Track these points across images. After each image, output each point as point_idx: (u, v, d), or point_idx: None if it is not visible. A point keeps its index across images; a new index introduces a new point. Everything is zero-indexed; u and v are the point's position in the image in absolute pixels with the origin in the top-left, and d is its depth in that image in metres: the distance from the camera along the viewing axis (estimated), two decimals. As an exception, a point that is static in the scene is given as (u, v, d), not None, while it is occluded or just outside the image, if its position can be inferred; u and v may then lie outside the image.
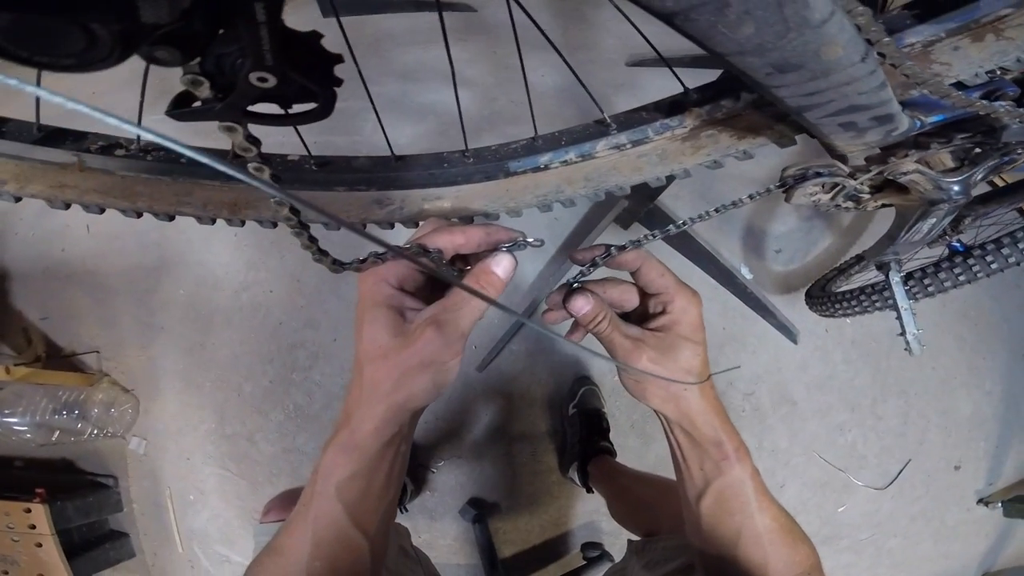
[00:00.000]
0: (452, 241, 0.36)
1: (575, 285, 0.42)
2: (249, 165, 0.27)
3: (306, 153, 0.44)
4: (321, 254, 0.34)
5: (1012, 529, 1.52)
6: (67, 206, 0.43)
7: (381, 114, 0.45)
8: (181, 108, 0.25)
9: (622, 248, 0.40)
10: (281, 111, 0.26)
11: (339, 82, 0.25)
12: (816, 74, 0.29)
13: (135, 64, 0.21)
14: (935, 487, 1.48)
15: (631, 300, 0.45)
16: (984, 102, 0.39)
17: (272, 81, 0.22)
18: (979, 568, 1.53)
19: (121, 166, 0.42)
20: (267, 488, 1.32)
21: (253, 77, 0.21)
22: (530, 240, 0.38)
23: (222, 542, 1.32)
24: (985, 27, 0.34)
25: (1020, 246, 0.79)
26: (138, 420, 1.34)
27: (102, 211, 0.44)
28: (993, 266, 0.82)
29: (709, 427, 0.42)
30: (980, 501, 1.51)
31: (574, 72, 0.43)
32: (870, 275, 1.09)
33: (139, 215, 0.44)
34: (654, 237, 0.41)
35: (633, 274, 0.43)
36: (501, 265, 0.36)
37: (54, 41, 0.15)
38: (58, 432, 1.27)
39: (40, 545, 1.15)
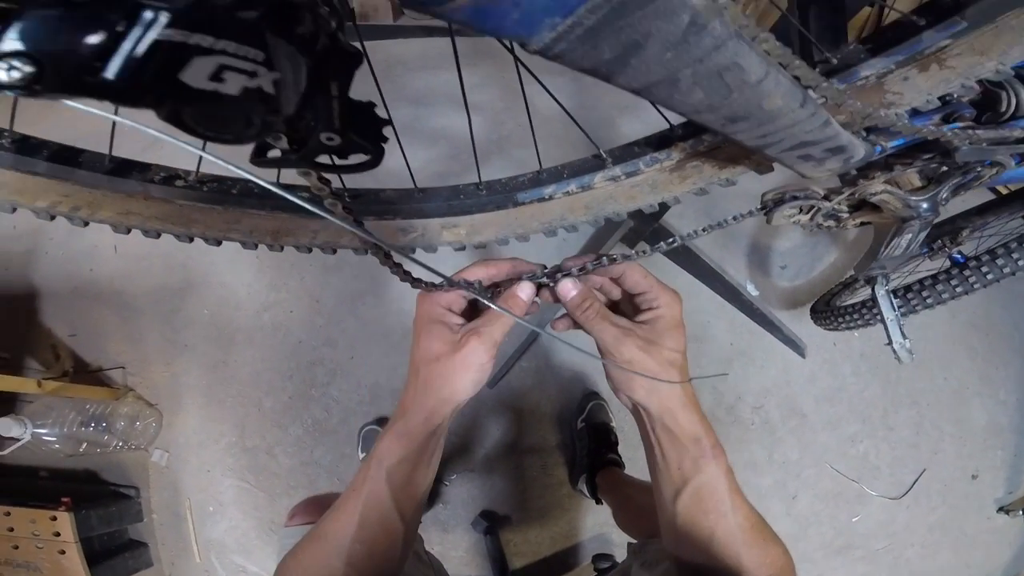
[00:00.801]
0: (487, 273, 0.46)
1: (574, 273, 0.46)
2: (325, 201, 0.32)
3: (341, 187, 0.48)
4: (407, 276, 0.42)
5: None
6: (129, 231, 0.47)
7: (392, 140, 0.50)
8: (261, 157, 0.30)
9: (613, 260, 0.44)
10: (339, 161, 0.31)
11: (386, 139, 0.30)
12: (763, 121, 0.33)
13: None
14: (952, 496, 1.47)
15: (613, 290, 0.49)
16: (932, 128, 0.43)
17: (337, 140, 0.27)
18: None
19: (180, 195, 0.46)
20: (284, 500, 1.35)
21: (323, 136, 0.27)
22: (547, 270, 0.47)
23: (239, 552, 1.35)
24: (929, 58, 0.38)
25: (1014, 256, 0.80)
26: (161, 433, 1.38)
27: (159, 235, 0.48)
28: (989, 277, 0.83)
29: (689, 422, 0.44)
30: (1000, 509, 1.48)
31: (572, 117, 0.47)
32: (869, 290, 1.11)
33: (191, 240, 0.49)
34: (649, 252, 0.44)
35: (617, 281, 0.47)
36: (524, 291, 0.45)
37: (225, 126, 0.21)
38: (85, 444, 1.32)
39: (63, 552, 1.17)
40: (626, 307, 0.49)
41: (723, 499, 0.44)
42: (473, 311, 0.48)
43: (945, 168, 0.52)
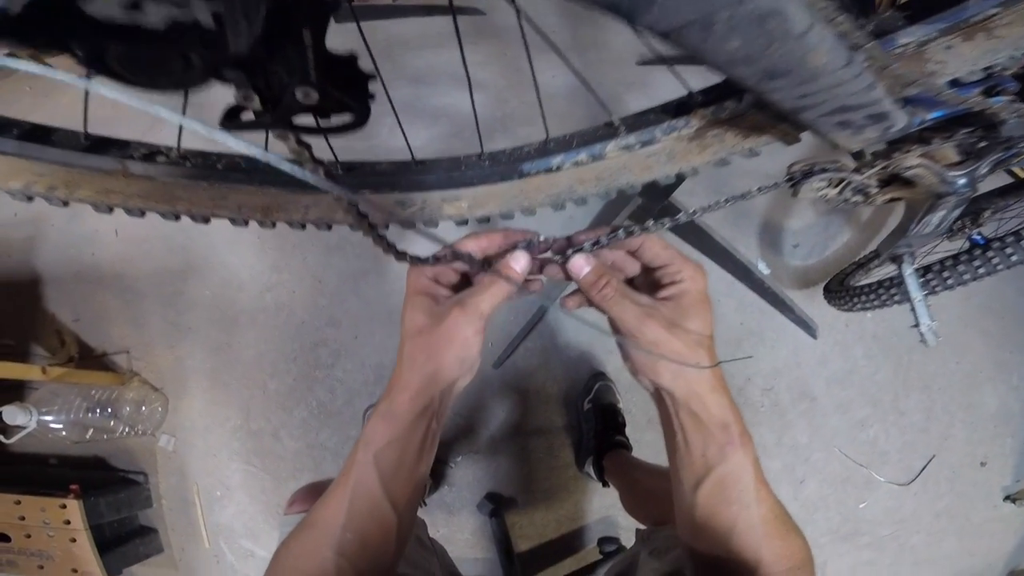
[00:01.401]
0: (478, 245, 0.43)
1: (587, 248, 0.42)
2: (305, 166, 0.29)
3: (333, 159, 0.46)
4: (389, 247, 0.40)
5: None
6: (111, 210, 0.46)
7: (394, 120, 0.47)
8: (234, 120, 0.27)
9: (630, 231, 0.41)
10: (322, 123, 0.28)
11: (372, 96, 0.27)
12: (804, 79, 0.30)
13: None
14: (960, 484, 1.45)
15: (631, 266, 0.45)
16: (979, 98, 0.40)
17: (314, 96, 0.24)
18: (1006, 566, 1.49)
19: (162, 172, 0.44)
20: (290, 483, 1.36)
21: (298, 92, 0.24)
22: (541, 238, 0.43)
23: (247, 537, 1.36)
24: (975, 26, 0.35)
25: None
26: (167, 418, 1.38)
27: (143, 214, 0.46)
28: (1013, 258, 0.81)
29: (718, 407, 0.41)
30: (1007, 498, 1.46)
31: (582, 79, 0.44)
32: (890, 269, 1.08)
33: (177, 218, 0.47)
34: (663, 225, 0.42)
35: (635, 254, 0.44)
36: (518, 261, 0.42)
37: (159, 68, 0.18)
38: (92, 430, 1.32)
39: (74, 540, 1.18)
40: (642, 284, 0.46)
41: (748, 489, 0.42)
42: (466, 287, 0.46)
43: (985, 143, 0.49)
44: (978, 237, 0.90)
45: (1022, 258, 0.81)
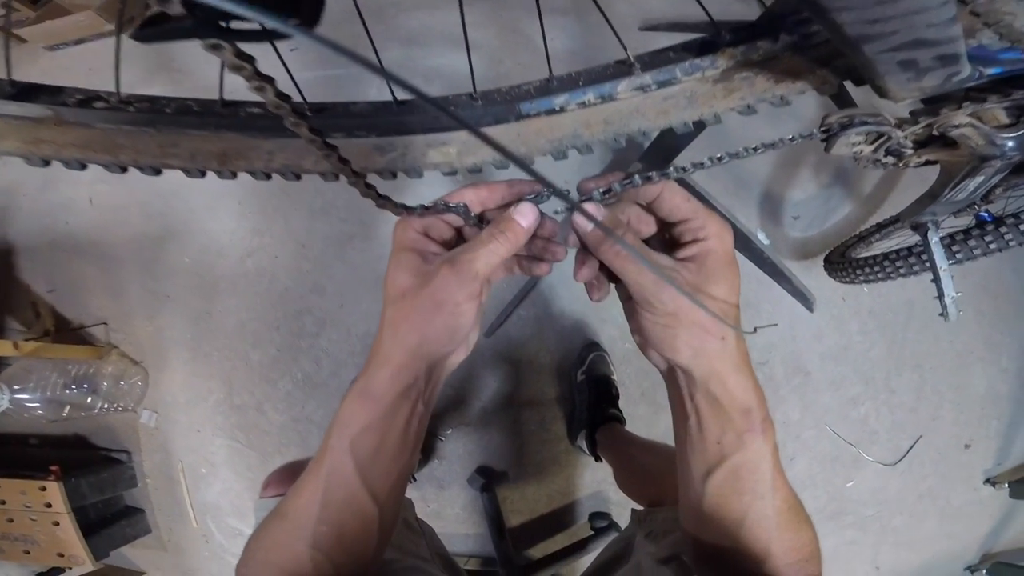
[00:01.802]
0: (477, 195, 0.37)
1: (596, 197, 0.36)
2: (249, 85, 0.24)
3: (301, 99, 0.41)
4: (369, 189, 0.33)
5: (1016, 511, 1.50)
6: (46, 163, 0.41)
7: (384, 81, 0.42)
8: (150, 28, 0.22)
9: (648, 178, 0.35)
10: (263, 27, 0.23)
11: None
12: None
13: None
14: (944, 465, 1.46)
15: (646, 226, 0.39)
16: None
17: None
18: (980, 549, 1.51)
19: (101, 119, 0.40)
20: (276, 459, 1.33)
21: None
22: (544, 193, 0.37)
23: (234, 515, 1.34)
24: None
25: None
26: (148, 393, 1.34)
27: (83, 166, 0.42)
28: None
29: (742, 388, 0.36)
30: (987, 481, 1.48)
31: (600, 7, 0.40)
32: (892, 242, 1.05)
33: (124, 169, 0.42)
34: (685, 171, 0.37)
35: (651, 207, 0.38)
36: (523, 215, 0.36)
37: None
38: (69, 407, 1.28)
39: (57, 524, 1.15)
40: (658, 245, 0.40)
41: (764, 480, 0.37)
42: (457, 239, 0.40)
43: None
44: (985, 214, 0.88)
45: None
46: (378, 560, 0.42)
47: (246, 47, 0.23)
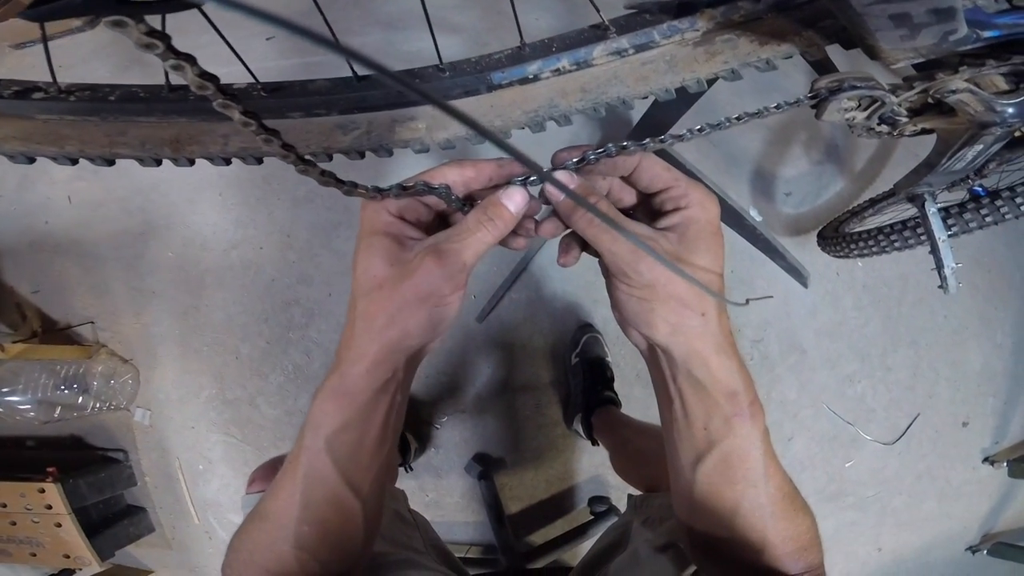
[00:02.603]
0: (461, 175, 0.34)
1: (571, 167, 0.34)
2: (166, 65, 0.22)
3: (252, 80, 0.39)
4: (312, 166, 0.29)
5: (1015, 490, 1.50)
6: None
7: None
8: (43, 5, 0.19)
9: (623, 147, 0.32)
10: None
11: None
12: None
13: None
14: (942, 444, 1.46)
15: (625, 196, 0.37)
16: None
17: None
18: (980, 529, 1.52)
19: (41, 110, 0.38)
20: (272, 453, 1.31)
21: None
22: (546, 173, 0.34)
23: (234, 511, 1.33)
24: None
25: None
26: (140, 390, 1.32)
27: (31, 160, 0.40)
28: (1023, 208, 0.80)
29: (726, 370, 0.34)
30: (986, 460, 1.48)
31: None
32: (886, 217, 1.04)
33: (73, 161, 0.40)
34: (665, 143, 0.35)
35: (630, 179, 0.36)
36: (512, 198, 0.33)
37: None
38: (60, 408, 1.26)
39: (59, 525, 1.14)
40: (640, 216, 0.38)
41: (756, 467, 0.36)
42: (439, 227, 0.37)
43: None
44: (979, 189, 0.87)
45: None
46: (367, 553, 0.41)
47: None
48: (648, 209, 0.37)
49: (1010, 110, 0.46)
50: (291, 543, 0.36)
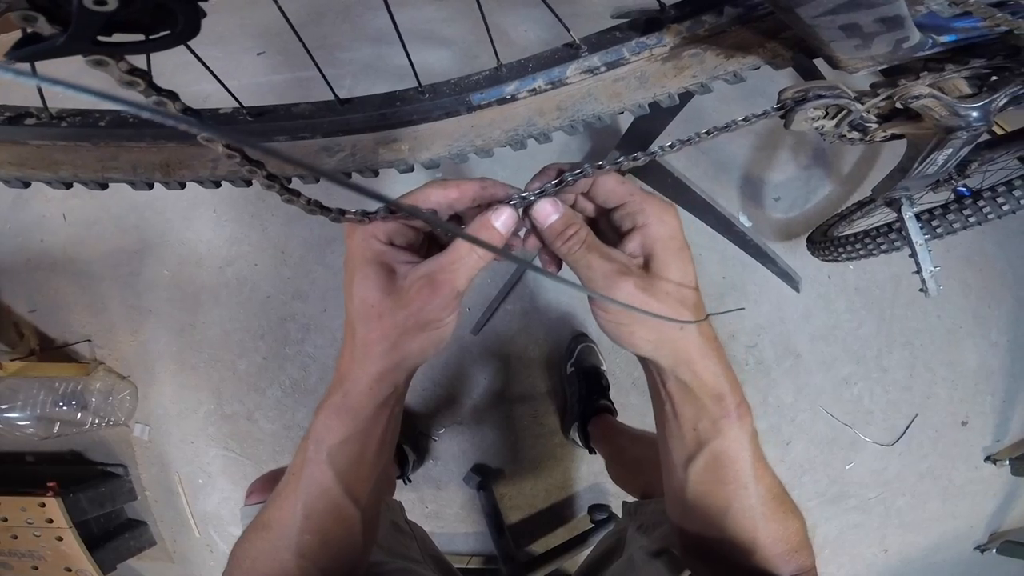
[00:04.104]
0: (446, 196, 0.34)
1: (532, 197, 0.35)
2: (147, 101, 0.23)
3: (237, 105, 0.40)
4: (291, 194, 0.30)
5: (1019, 488, 1.50)
6: None
7: (354, 79, 0.41)
8: (25, 48, 0.21)
9: (579, 173, 0.34)
10: (142, 38, 0.22)
11: None
12: None
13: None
14: (942, 443, 1.46)
15: (587, 207, 0.38)
16: (1010, 18, 0.35)
17: (111, 2, 0.18)
18: (987, 528, 1.51)
19: (34, 135, 0.39)
20: (271, 466, 1.30)
21: (88, 1, 0.18)
22: (530, 195, 0.35)
23: (235, 524, 1.33)
24: None
25: None
26: (138, 406, 1.33)
27: (26, 184, 0.41)
28: (1004, 207, 0.80)
29: (711, 374, 0.36)
30: (988, 459, 1.48)
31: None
32: (872, 220, 1.05)
33: (68, 185, 0.41)
34: (624, 164, 0.36)
35: (589, 196, 0.37)
36: (500, 218, 0.34)
37: None
38: (59, 424, 1.27)
39: (61, 539, 1.15)
40: (607, 228, 0.39)
41: (745, 468, 0.37)
42: (426, 247, 0.38)
43: (1000, 75, 0.44)
44: (963, 189, 0.88)
45: (1014, 207, 0.80)
46: (364, 560, 0.42)
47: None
48: (609, 224, 0.38)
49: (974, 114, 0.47)
50: (293, 551, 0.37)
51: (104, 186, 0.42)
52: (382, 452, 0.38)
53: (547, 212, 0.35)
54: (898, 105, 0.46)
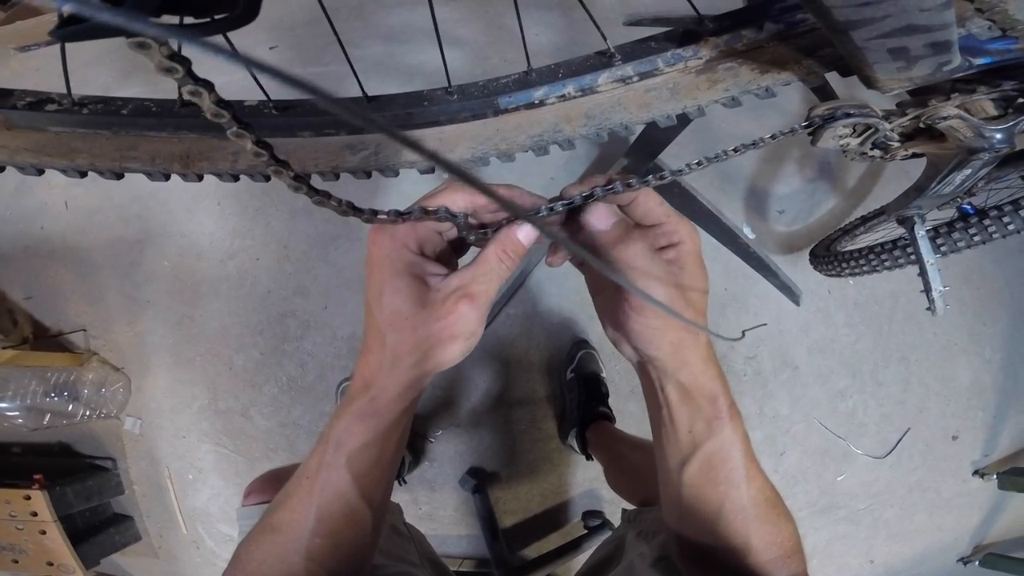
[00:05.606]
0: (473, 202, 0.35)
1: (578, 201, 0.35)
2: (184, 91, 0.23)
3: (264, 97, 0.39)
4: (319, 195, 0.30)
5: (1005, 502, 1.51)
6: (2, 169, 0.39)
7: (364, 76, 0.41)
8: (71, 26, 0.20)
9: (629, 184, 0.34)
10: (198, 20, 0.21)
11: None
12: None
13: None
14: (933, 457, 1.47)
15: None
16: None
17: None
18: (971, 540, 1.53)
19: (54, 122, 0.38)
20: (264, 464, 1.30)
21: None
22: (558, 205, 0.35)
23: (224, 521, 1.32)
24: None
25: None
26: (131, 399, 1.31)
27: (40, 172, 0.40)
28: (1010, 227, 0.81)
29: (709, 378, 0.37)
30: (975, 473, 1.49)
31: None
32: (876, 236, 1.06)
33: (83, 174, 0.41)
34: (663, 179, 0.36)
35: (626, 210, 0.38)
36: (527, 234, 0.35)
37: None
38: (49, 415, 1.25)
39: (44, 532, 1.13)
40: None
41: (736, 468, 0.38)
42: (452, 255, 0.38)
43: None
44: (968, 207, 0.88)
45: (1019, 227, 0.80)
46: (369, 562, 0.42)
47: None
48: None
49: (998, 136, 0.47)
50: (303, 555, 0.36)
51: (120, 176, 0.41)
52: (398, 453, 0.39)
53: (604, 217, 0.36)
54: (922, 124, 0.46)
